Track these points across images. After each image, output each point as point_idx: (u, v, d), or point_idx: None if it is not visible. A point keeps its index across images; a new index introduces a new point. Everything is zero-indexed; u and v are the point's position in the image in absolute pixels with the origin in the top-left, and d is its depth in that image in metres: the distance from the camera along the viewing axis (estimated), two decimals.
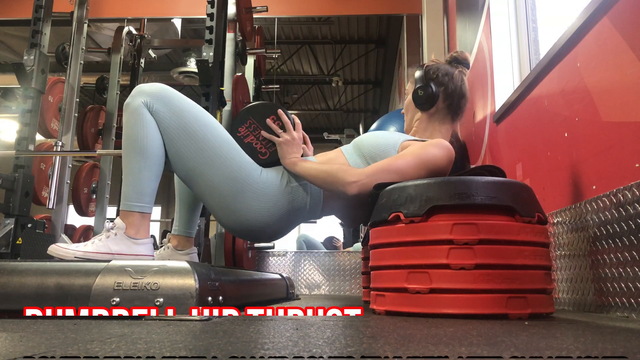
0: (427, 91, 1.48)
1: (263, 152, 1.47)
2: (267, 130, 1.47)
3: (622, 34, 1.19)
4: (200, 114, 1.39)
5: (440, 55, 3.62)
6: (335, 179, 1.32)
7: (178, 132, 1.34)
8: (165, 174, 1.41)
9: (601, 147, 1.27)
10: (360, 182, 1.29)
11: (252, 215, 1.37)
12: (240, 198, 1.36)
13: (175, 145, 1.35)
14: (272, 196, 1.39)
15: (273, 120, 1.47)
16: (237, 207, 1.37)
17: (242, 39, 3.19)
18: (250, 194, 1.37)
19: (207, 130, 1.37)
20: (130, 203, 1.30)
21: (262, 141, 1.47)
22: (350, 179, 1.30)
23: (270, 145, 1.47)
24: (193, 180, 1.38)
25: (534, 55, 2.10)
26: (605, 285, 1.18)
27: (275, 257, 3.48)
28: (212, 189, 1.36)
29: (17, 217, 2.60)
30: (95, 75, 3.88)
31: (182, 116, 1.35)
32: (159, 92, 1.35)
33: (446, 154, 1.35)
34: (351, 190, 1.30)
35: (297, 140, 1.46)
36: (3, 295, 1.04)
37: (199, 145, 1.35)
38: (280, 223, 1.42)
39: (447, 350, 0.58)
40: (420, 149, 1.35)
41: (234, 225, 1.41)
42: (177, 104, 1.36)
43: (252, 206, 1.37)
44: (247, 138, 1.47)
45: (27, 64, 2.72)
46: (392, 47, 6.23)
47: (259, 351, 0.58)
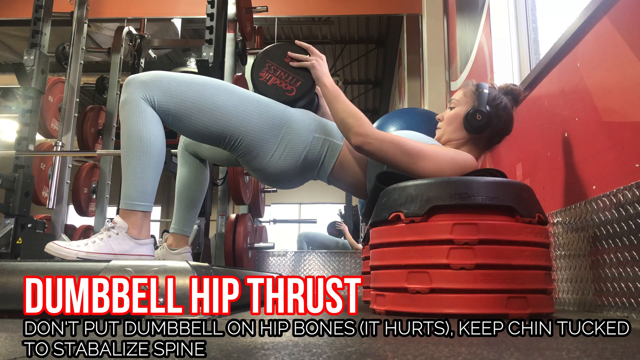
0: (485, 118, 1.37)
1: (289, 89, 1.47)
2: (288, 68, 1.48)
3: (622, 34, 1.19)
4: (203, 84, 1.37)
5: (440, 55, 3.63)
6: (349, 122, 1.32)
7: (188, 112, 1.33)
8: (165, 174, 1.41)
9: (601, 147, 1.27)
10: (367, 138, 1.29)
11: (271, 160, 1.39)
12: (265, 144, 1.37)
13: (191, 124, 1.34)
14: (294, 142, 1.39)
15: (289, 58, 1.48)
16: (260, 152, 1.38)
17: (242, 39, 3.19)
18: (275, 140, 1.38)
19: (215, 96, 1.35)
20: (133, 202, 1.29)
21: (286, 79, 1.47)
22: (360, 130, 1.30)
23: (295, 81, 1.47)
24: (218, 143, 1.40)
25: (534, 55, 2.10)
26: (605, 285, 1.18)
27: (275, 257, 3.48)
28: (239, 144, 1.38)
29: (17, 217, 2.60)
30: (95, 75, 3.89)
31: (184, 95, 1.33)
32: (153, 80, 1.32)
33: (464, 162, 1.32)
34: (354, 140, 1.30)
35: (323, 59, 1.47)
36: (3, 295, 1.04)
37: (214, 115, 1.34)
38: (291, 171, 1.42)
39: (447, 350, 0.58)
40: (442, 148, 1.35)
41: (251, 166, 1.43)
42: (175, 86, 1.33)
43: (274, 151, 1.38)
44: (271, 80, 1.48)
45: (27, 64, 2.72)
46: (392, 47, 6.23)
47: (259, 351, 0.58)
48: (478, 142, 1.42)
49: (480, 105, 1.37)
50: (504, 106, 1.40)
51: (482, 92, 1.39)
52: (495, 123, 1.38)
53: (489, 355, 0.55)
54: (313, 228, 5.63)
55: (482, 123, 1.37)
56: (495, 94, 1.41)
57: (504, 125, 1.41)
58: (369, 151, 1.30)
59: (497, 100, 1.40)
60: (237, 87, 1.41)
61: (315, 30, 6.38)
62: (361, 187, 1.49)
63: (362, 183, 1.47)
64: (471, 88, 1.43)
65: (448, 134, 1.45)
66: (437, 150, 1.31)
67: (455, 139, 1.43)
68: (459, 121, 1.42)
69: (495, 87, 1.45)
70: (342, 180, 1.48)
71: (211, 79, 1.40)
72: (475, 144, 1.42)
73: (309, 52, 1.47)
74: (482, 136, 1.41)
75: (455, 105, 1.45)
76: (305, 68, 1.45)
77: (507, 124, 1.41)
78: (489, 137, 1.42)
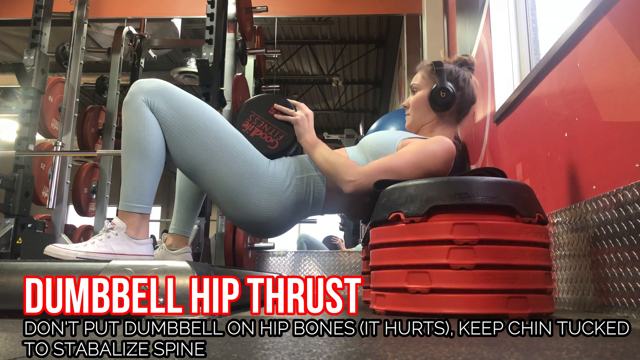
0: (449, 93, 1.43)
1: (272, 142, 1.47)
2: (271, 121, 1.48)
3: (622, 34, 1.19)
4: (203, 109, 1.38)
5: (440, 55, 3.62)
6: (336, 172, 1.35)
7: (181, 129, 1.33)
8: (165, 174, 1.41)
9: (601, 147, 1.27)
10: (357, 181, 1.32)
11: (257, 208, 1.38)
12: (247, 191, 1.36)
13: (178, 142, 1.34)
14: (278, 190, 1.39)
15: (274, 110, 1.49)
16: (243, 201, 1.37)
17: (242, 39, 3.19)
18: (257, 188, 1.37)
19: (211, 125, 1.36)
20: (131, 204, 1.30)
21: (269, 132, 1.48)
22: (348, 178, 1.32)
23: (278, 134, 1.48)
24: (198, 175, 1.38)
25: (534, 55, 2.10)
26: (605, 285, 1.18)
27: (275, 257, 3.47)
28: (218, 183, 1.36)
29: (17, 217, 2.60)
30: (95, 75, 3.88)
31: (184, 112, 1.34)
32: (158, 88, 1.34)
33: (446, 150, 1.35)
34: (347, 188, 1.33)
35: (310, 116, 1.49)
36: (3, 295, 1.04)
37: (204, 141, 1.34)
38: (283, 217, 1.42)
39: (447, 350, 0.58)
40: (419, 146, 1.36)
41: (239, 218, 1.41)
42: (178, 100, 1.34)
43: (258, 199, 1.37)
44: (253, 132, 1.48)
45: (27, 64, 2.72)
46: (392, 47, 6.23)
47: (259, 351, 0.58)
48: (448, 119, 1.49)
49: (441, 83, 1.44)
50: (463, 77, 1.48)
51: (440, 70, 1.45)
52: (459, 95, 1.46)
53: (489, 355, 0.56)
54: (313, 229, 5.62)
55: (448, 99, 1.44)
56: (451, 68, 1.48)
57: (468, 96, 1.49)
58: (362, 191, 1.32)
59: (455, 74, 1.47)
60: (231, 126, 1.42)
61: (315, 30, 6.38)
62: (354, 208, 1.51)
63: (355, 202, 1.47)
64: (427, 68, 1.50)
65: (417, 118, 1.51)
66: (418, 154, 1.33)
67: (426, 121, 1.50)
68: (425, 103, 1.48)
69: (449, 60, 1.52)
70: (337, 205, 1.50)
71: (212, 109, 1.41)
72: (446, 121, 1.49)
73: (297, 107, 1.49)
74: (450, 112, 1.48)
75: (417, 88, 1.52)
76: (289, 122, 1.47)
77: (470, 93, 1.49)
78: (457, 110, 1.49)
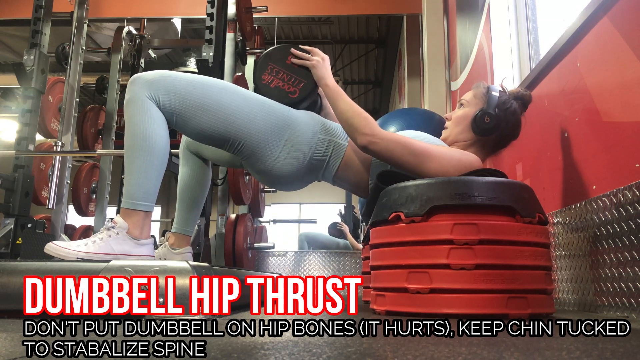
0: (493, 121, 1.36)
1: (292, 91, 1.48)
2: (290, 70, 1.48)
3: (622, 34, 1.19)
4: (208, 83, 1.37)
5: (440, 55, 3.62)
6: (355, 122, 1.32)
7: (193, 111, 1.33)
8: (165, 174, 1.41)
9: (601, 147, 1.27)
10: (373, 138, 1.29)
11: (276, 162, 1.39)
12: (269, 146, 1.37)
13: (196, 124, 1.34)
14: (299, 144, 1.39)
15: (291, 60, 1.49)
16: (264, 154, 1.38)
17: (242, 39, 3.19)
18: (280, 142, 1.38)
19: (220, 96, 1.35)
20: (136, 202, 1.29)
21: (289, 81, 1.48)
22: (366, 130, 1.29)
23: (298, 83, 1.48)
24: (222, 145, 1.39)
25: (534, 55, 2.10)
26: (605, 285, 1.18)
27: (275, 257, 3.48)
28: (242, 146, 1.37)
29: (17, 217, 2.60)
30: (95, 75, 3.88)
31: (190, 95, 1.33)
32: (158, 79, 1.32)
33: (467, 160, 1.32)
34: (361, 140, 1.30)
35: (326, 60, 1.47)
36: (3, 295, 1.04)
37: (219, 114, 1.34)
38: (297, 173, 1.42)
39: (447, 350, 0.58)
40: (448, 149, 1.35)
41: (256, 168, 1.42)
42: (180, 85, 1.33)
43: (279, 153, 1.38)
44: (273, 82, 1.48)
45: (27, 64, 2.72)
46: (392, 47, 6.23)
47: (259, 351, 0.58)
48: (484, 144, 1.42)
49: (489, 108, 1.37)
50: (513, 111, 1.39)
51: (492, 95, 1.39)
52: (503, 127, 1.38)
53: (489, 355, 0.55)
54: (313, 228, 5.63)
55: (490, 126, 1.36)
56: (505, 98, 1.40)
57: (511, 130, 1.41)
58: (375, 151, 1.29)
59: (507, 105, 1.39)
60: (241, 89, 1.41)
61: (315, 30, 6.38)
62: (364, 187, 1.49)
63: (365, 182, 1.47)
64: (482, 90, 1.43)
65: (455, 134, 1.44)
66: (443, 151, 1.31)
67: (462, 140, 1.43)
68: (467, 122, 1.41)
69: (506, 90, 1.45)
70: (347, 180, 1.48)
71: (215, 80, 1.40)
72: (481, 146, 1.42)
73: (312, 53, 1.48)
74: (489, 139, 1.40)
75: (465, 105, 1.45)
76: (308, 69, 1.46)
77: (514, 128, 1.41)
78: (495, 140, 1.41)
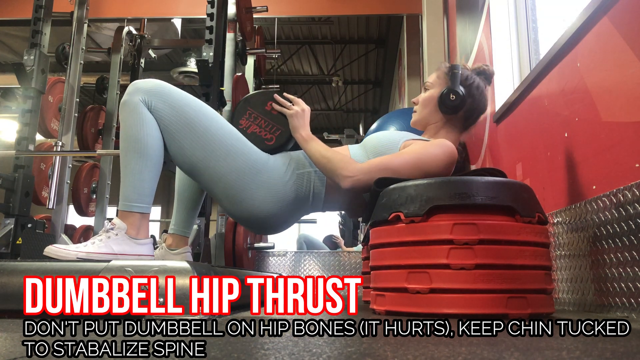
0: (459, 97, 1.41)
1: (269, 137, 1.48)
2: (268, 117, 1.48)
3: (622, 34, 1.19)
4: (201, 107, 1.38)
5: (440, 55, 3.62)
6: (333, 168, 1.33)
7: (179, 127, 1.34)
8: (165, 174, 1.41)
9: (601, 147, 1.27)
10: (355, 177, 1.31)
11: (258, 204, 1.38)
12: (247, 188, 1.37)
13: (177, 141, 1.35)
14: (277, 185, 1.39)
15: (271, 106, 1.49)
16: (243, 197, 1.37)
17: (242, 39, 3.19)
18: (256, 183, 1.37)
19: (209, 123, 1.36)
20: (131, 204, 1.30)
21: (266, 128, 1.49)
22: (345, 173, 1.31)
23: (275, 130, 1.48)
24: (197, 173, 1.38)
25: (534, 55, 2.10)
26: (606, 285, 1.18)
27: (275, 257, 3.48)
28: (218, 181, 1.37)
29: (17, 217, 2.60)
30: (95, 75, 3.88)
31: (182, 111, 1.34)
32: (156, 88, 1.34)
33: (447, 154, 1.34)
34: (345, 184, 1.32)
35: (306, 112, 1.48)
36: (3, 295, 1.04)
37: (203, 139, 1.35)
38: (283, 213, 1.42)
39: (447, 350, 0.58)
40: (421, 148, 1.35)
41: (240, 214, 1.42)
42: (175, 99, 1.35)
43: (258, 195, 1.38)
44: (250, 128, 1.49)
45: (27, 64, 2.72)
46: (392, 47, 6.23)
47: (259, 351, 0.58)
48: (454, 123, 1.47)
49: (453, 86, 1.42)
50: (477, 85, 1.46)
51: (455, 73, 1.44)
52: (469, 102, 1.44)
53: (489, 355, 0.56)
54: (313, 229, 5.62)
55: (456, 103, 1.42)
56: (467, 74, 1.46)
57: (478, 104, 1.46)
58: (360, 187, 1.31)
59: (470, 80, 1.45)
60: (229, 124, 1.43)
61: (315, 30, 6.38)
62: (354, 205, 1.50)
63: (355, 200, 1.47)
64: (444, 69, 1.48)
65: (424, 116, 1.50)
66: (419, 155, 1.32)
67: (431, 121, 1.48)
68: (434, 103, 1.47)
69: (467, 68, 1.50)
70: (337, 202, 1.49)
71: (209, 108, 1.42)
72: (452, 125, 1.47)
73: (294, 102, 1.49)
74: (457, 116, 1.46)
75: (429, 87, 1.50)
76: (285, 117, 1.47)
77: (480, 102, 1.47)
78: (464, 117, 1.47)
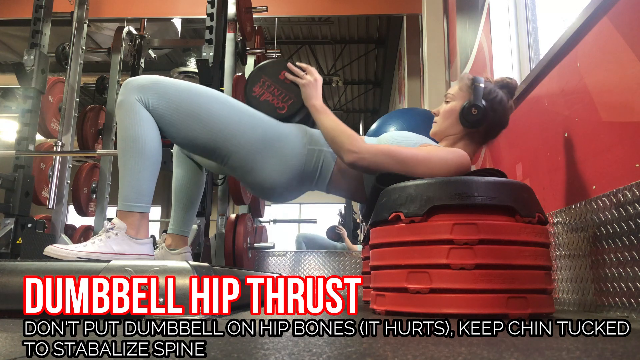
0: (480, 112, 1.35)
1: (281, 106, 1.48)
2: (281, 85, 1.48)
3: (622, 34, 1.19)
4: (198, 92, 1.37)
5: (440, 55, 3.62)
6: (341, 140, 1.32)
7: (182, 119, 1.33)
8: (165, 174, 1.41)
9: (601, 147, 1.27)
10: (359, 154, 1.29)
11: (267, 174, 1.39)
12: (258, 158, 1.37)
13: (183, 132, 1.34)
14: (288, 155, 1.39)
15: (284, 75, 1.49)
16: (253, 166, 1.38)
17: (242, 39, 3.19)
18: (267, 153, 1.38)
19: (210, 106, 1.35)
20: (130, 203, 1.30)
21: (279, 96, 1.48)
22: (352, 148, 1.29)
23: (287, 99, 1.48)
24: (210, 155, 1.39)
25: (534, 55, 2.10)
26: (606, 285, 1.18)
27: (275, 257, 3.47)
28: (230, 157, 1.38)
29: (17, 217, 2.60)
30: (95, 75, 3.88)
31: (180, 102, 1.33)
32: (149, 84, 1.32)
33: (458, 163, 1.31)
34: (347, 158, 1.30)
35: (319, 81, 1.46)
36: (3, 295, 1.04)
37: (209, 124, 1.34)
38: (288, 185, 1.43)
39: (447, 350, 0.58)
40: (434, 149, 1.34)
41: (247, 180, 1.43)
42: (172, 92, 1.33)
43: (267, 165, 1.38)
44: (263, 96, 1.48)
45: (27, 64, 2.72)
46: (392, 47, 6.23)
47: (259, 351, 0.58)
48: (474, 136, 1.42)
49: (475, 100, 1.37)
50: (500, 100, 1.40)
51: (477, 86, 1.38)
52: (491, 117, 1.38)
53: (489, 355, 0.55)
54: (313, 228, 5.63)
55: (478, 117, 1.36)
56: (490, 87, 1.40)
57: (500, 119, 1.41)
58: (363, 166, 1.30)
59: (493, 94, 1.39)
60: (231, 99, 1.41)
61: (315, 30, 6.38)
62: (359, 193, 1.49)
63: (360, 188, 1.47)
64: (467, 82, 1.43)
65: (444, 128, 1.44)
66: (429, 154, 1.31)
67: (451, 133, 1.43)
68: (455, 116, 1.41)
69: (491, 80, 1.45)
70: (341, 187, 1.49)
71: (207, 88, 1.40)
72: (471, 138, 1.42)
73: (307, 72, 1.48)
74: (478, 131, 1.41)
75: (451, 99, 1.45)
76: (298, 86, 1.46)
77: (502, 117, 1.41)
78: (484, 131, 1.42)
